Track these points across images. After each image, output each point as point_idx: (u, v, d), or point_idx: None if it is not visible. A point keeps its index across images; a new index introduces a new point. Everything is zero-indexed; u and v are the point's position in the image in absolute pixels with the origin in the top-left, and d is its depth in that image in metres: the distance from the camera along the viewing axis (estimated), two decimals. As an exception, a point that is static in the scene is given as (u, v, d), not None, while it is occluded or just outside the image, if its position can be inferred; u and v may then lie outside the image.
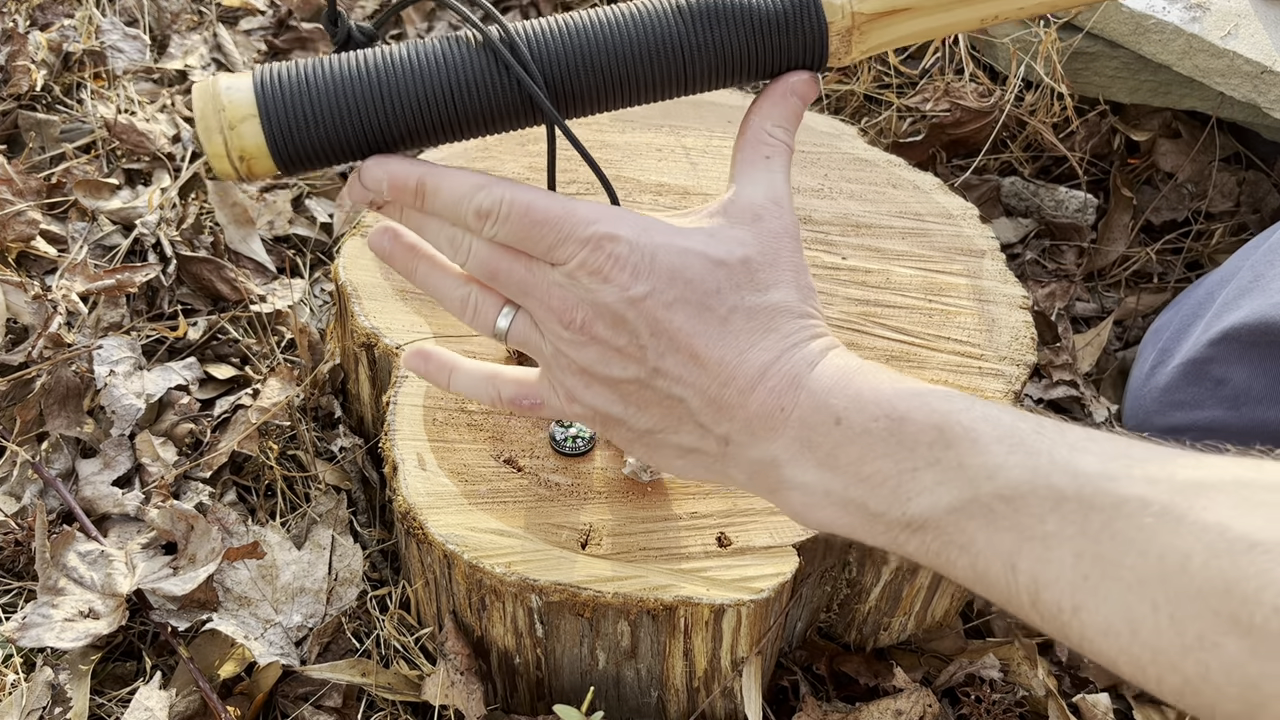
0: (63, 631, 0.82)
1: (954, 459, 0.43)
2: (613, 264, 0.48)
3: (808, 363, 0.49)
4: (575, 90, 0.54)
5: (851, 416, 0.46)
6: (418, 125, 0.54)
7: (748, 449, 0.49)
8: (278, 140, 0.52)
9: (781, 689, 0.87)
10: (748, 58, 0.54)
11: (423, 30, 1.60)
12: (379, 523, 0.97)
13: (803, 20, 0.54)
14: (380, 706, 0.83)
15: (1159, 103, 1.29)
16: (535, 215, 0.49)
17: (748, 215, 0.51)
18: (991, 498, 0.42)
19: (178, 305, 1.13)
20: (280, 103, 0.52)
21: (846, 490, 0.46)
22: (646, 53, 0.54)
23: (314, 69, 0.53)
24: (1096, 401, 1.09)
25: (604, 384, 0.51)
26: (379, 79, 0.53)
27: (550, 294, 0.50)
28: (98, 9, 1.47)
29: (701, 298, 0.49)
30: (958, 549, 0.43)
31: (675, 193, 1.02)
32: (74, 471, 0.97)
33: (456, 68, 0.53)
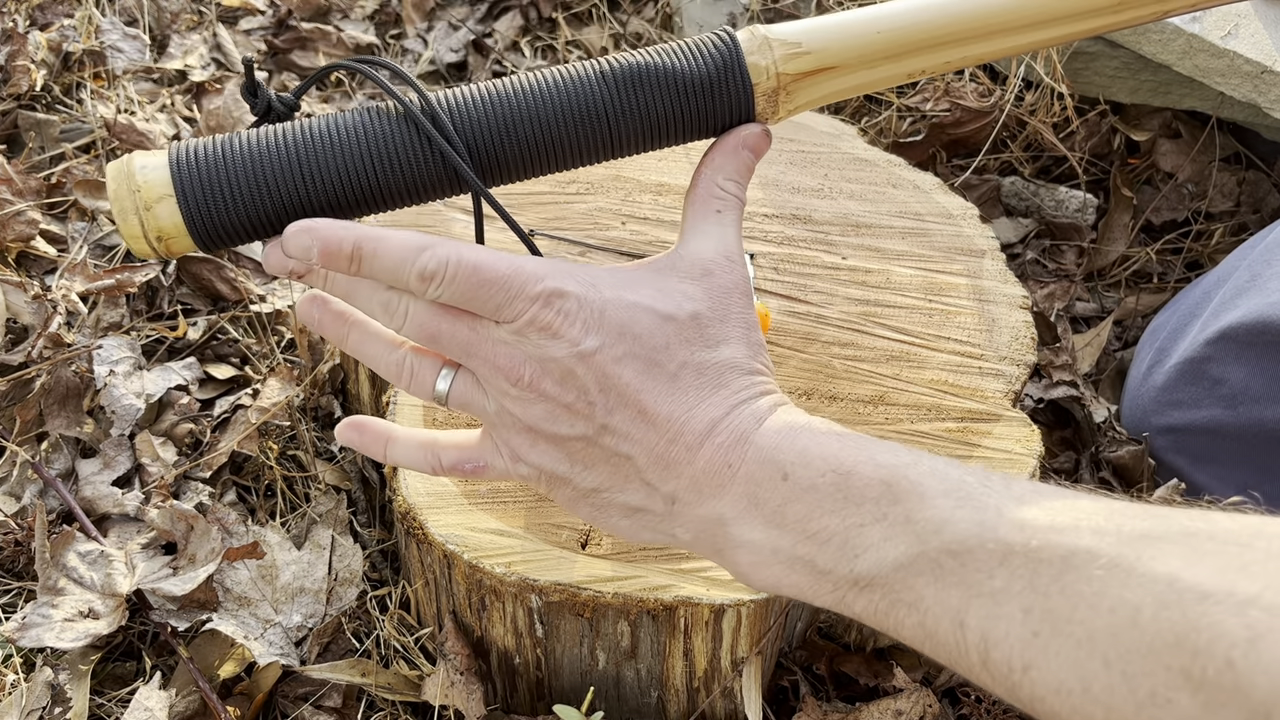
0: (62, 631, 0.82)
1: (901, 513, 0.43)
2: (562, 319, 0.47)
3: (755, 419, 0.48)
4: (500, 158, 0.54)
5: (798, 472, 0.46)
6: (340, 199, 0.53)
7: (694, 507, 0.48)
8: (196, 220, 0.51)
9: (781, 689, 0.87)
10: (674, 121, 0.54)
11: (422, 30, 1.61)
12: (379, 523, 0.97)
13: (728, 83, 0.53)
14: (380, 706, 0.83)
15: (1159, 103, 1.29)
16: (483, 274, 0.48)
17: (697, 270, 0.51)
18: (939, 552, 0.41)
19: (177, 305, 1.13)
20: (197, 182, 0.51)
21: (794, 548, 0.46)
22: (572, 119, 0.53)
23: (231, 146, 0.52)
24: (1095, 401, 1.09)
25: (550, 441, 0.50)
26: (298, 154, 0.52)
27: (496, 351, 0.49)
28: (97, 9, 1.47)
29: (650, 353, 0.48)
30: (906, 607, 0.43)
31: (675, 193, 1.02)
32: (74, 471, 0.97)
33: (378, 139, 0.52)
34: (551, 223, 0.98)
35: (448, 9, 1.64)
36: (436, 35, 1.59)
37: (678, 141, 0.56)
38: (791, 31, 0.53)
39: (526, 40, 1.60)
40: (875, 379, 0.87)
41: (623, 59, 0.54)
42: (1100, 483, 1.03)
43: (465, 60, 1.56)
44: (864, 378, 0.87)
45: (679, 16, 1.51)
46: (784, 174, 1.06)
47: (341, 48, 1.52)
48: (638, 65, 0.54)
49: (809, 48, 0.52)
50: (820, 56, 0.52)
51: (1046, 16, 0.52)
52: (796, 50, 0.52)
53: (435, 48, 1.57)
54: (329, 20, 1.59)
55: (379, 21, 1.61)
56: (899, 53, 0.53)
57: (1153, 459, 1.01)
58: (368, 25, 1.60)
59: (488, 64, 1.55)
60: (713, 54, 0.54)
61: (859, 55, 0.53)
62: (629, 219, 0.99)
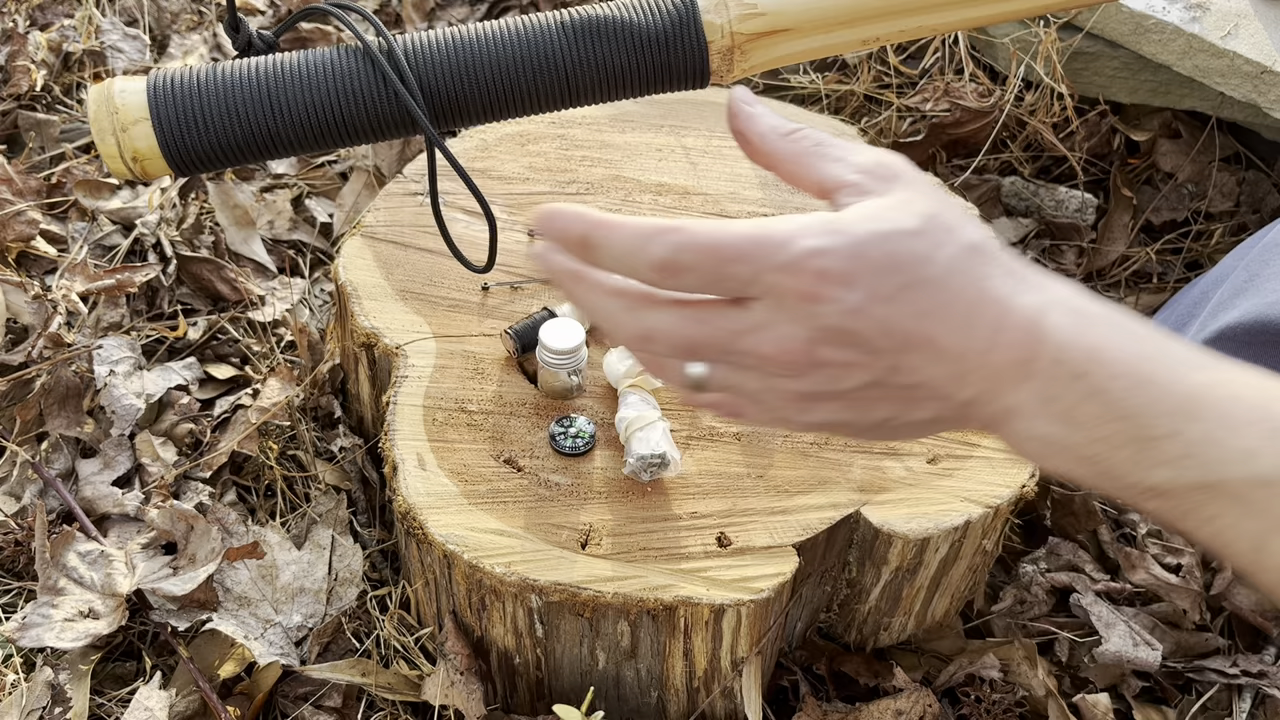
0: (63, 631, 0.82)
1: (1200, 433, 0.42)
2: (821, 282, 0.43)
3: (1037, 306, 0.45)
4: (459, 101, 0.56)
5: (1092, 370, 0.44)
6: (306, 132, 0.56)
7: (987, 406, 0.46)
8: (169, 143, 0.54)
9: (781, 689, 0.87)
10: (629, 73, 0.56)
11: (423, 29, 1.61)
12: (379, 523, 0.97)
13: (683, 39, 0.55)
14: (380, 706, 0.83)
15: (1159, 103, 1.29)
16: (723, 253, 0.44)
17: (888, 175, 0.47)
18: (1243, 484, 0.41)
19: (178, 305, 1.13)
20: (172, 107, 0.54)
21: (1085, 448, 0.44)
22: (530, 66, 0.56)
23: (206, 76, 0.55)
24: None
25: (830, 399, 0.47)
26: (267, 86, 0.55)
27: (759, 341, 0.45)
28: (98, 9, 1.47)
29: (917, 275, 0.44)
30: (1200, 520, 0.43)
31: (675, 192, 1.02)
32: (74, 471, 0.97)
33: (342, 78, 0.56)
34: (551, 223, 0.98)
35: (448, 9, 1.64)
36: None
37: (633, 94, 0.58)
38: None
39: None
40: (875, 379, 0.87)
41: (582, 11, 0.56)
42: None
43: (465, 60, 1.56)
44: (864, 378, 0.87)
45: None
46: (784, 174, 1.05)
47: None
48: (596, 18, 0.56)
49: (765, 9, 0.53)
50: (775, 19, 0.53)
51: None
52: (752, 11, 0.53)
53: (435, 48, 1.57)
54: (329, 20, 1.58)
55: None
56: (854, 19, 0.53)
57: (1153, 459, 1.01)
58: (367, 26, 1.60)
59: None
60: (670, 10, 0.56)
61: (814, 20, 0.53)
62: (629, 219, 0.99)
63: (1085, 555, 0.95)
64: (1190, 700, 0.88)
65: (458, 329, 0.87)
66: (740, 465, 0.79)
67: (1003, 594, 0.93)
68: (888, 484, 0.79)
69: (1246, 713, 0.87)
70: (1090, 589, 0.91)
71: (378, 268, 0.92)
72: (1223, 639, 0.91)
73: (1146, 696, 0.89)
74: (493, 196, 1.00)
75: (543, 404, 0.82)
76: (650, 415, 0.77)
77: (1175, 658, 0.90)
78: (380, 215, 0.97)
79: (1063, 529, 0.99)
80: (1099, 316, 0.46)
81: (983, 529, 0.80)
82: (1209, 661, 0.89)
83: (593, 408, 0.82)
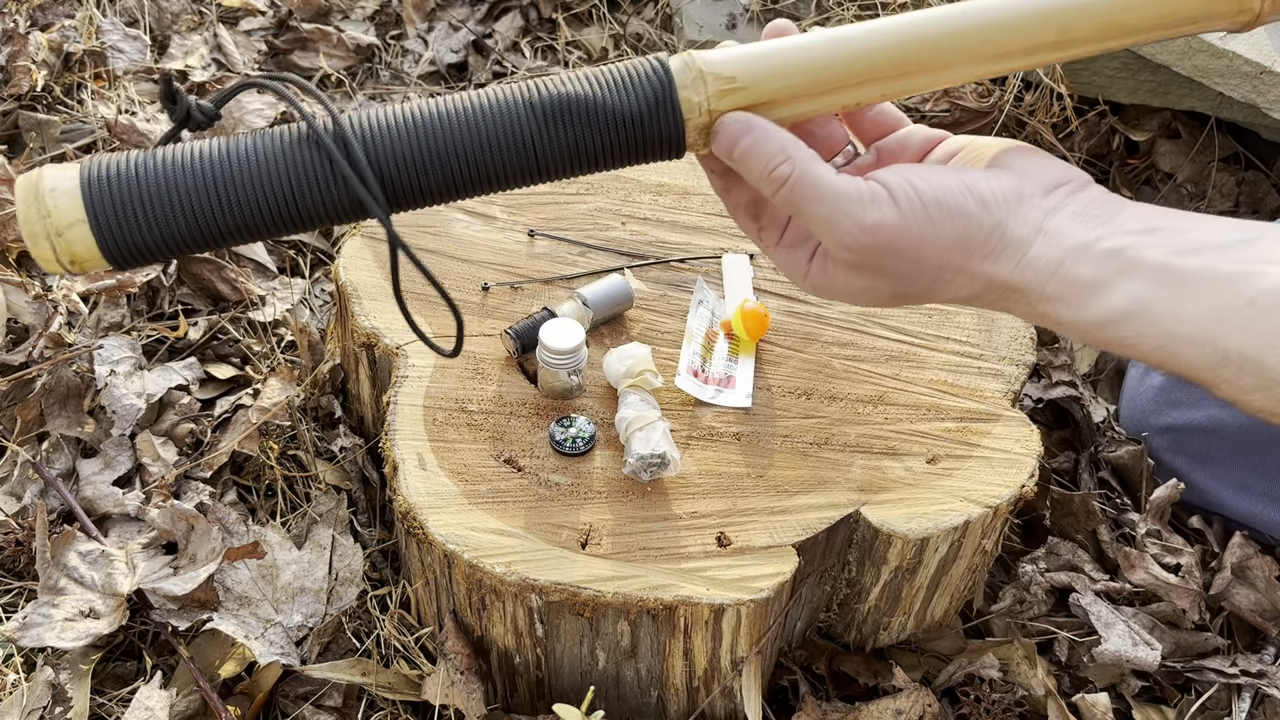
0: (63, 631, 0.82)
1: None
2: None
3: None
4: (419, 186, 0.53)
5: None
6: (255, 221, 0.52)
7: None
8: (109, 243, 0.50)
9: (781, 689, 0.87)
10: (602, 153, 0.54)
11: (423, 30, 1.61)
12: (379, 523, 0.97)
13: (659, 118, 0.53)
14: (380, 706, 0.83)
15: (1159, 103, 1.29)
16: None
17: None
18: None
19: (178, 305, 1.13)
20: (110, 206, 0.50)
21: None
22: (497, 148, 0.53)
23: (145, 165, 0.51)
24: (1094, 401, 1.09)
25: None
26: (213, 176, 0.51)
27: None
28: (98, 9, 1.47)
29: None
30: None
31: (675, 193, 1.02)
32: (74, 471, 0.97)
33: (291, 165, 0.51)
34: (551, 223, 0.98)
35: (448, 10, 1.64)
36: (437, 36, 1.59)
37: (605, 169, 0.55)
38: (727, 64, 0.53)
39: (526, 41, 1.60)
40: (875, 379, 0.87)
41: (552, 89, 0.53)
42: (1099, 483, 1.03)
43: (465, 61, 1.56)
44: (863, 377, 0.87)
45: (679, 17, 1.51)
46: (784, 174, 1.06)
47: (342, 48, 1.52)
48: (567, 97, 0.53)
49: (744, 83, 0.52)
50: (755, 93, 0.53)
51: (981, 54, 0.54)
52: (731, 86, 0.52)
53: (435, 48, 1.57)
54: (329, 21, 1.59)
55: (379, 22, 1.61)
56: (837, 86, 0.53)
57: (1152, 459, 1.01)
58: (368, 26, 1.60)
59: (488, 64, 1.55)
60: (645, 87, 0.53)
61: (795, 89, 0.53)
62: (629, 219, 0.99)
63: (1084, 555, 0.95)
64: (1189, 700, 0.88)
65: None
66: (740, 465, 0.79)
67: (1002, 594, 0.94)
68: (887, 484, 0.79)
69: (1246, 712, 0.87)
70: (1089, 589, 0.92)
71: (378, 268, 0.92)
72: (1222, 639, 0.91)
73: (1146, 696, 0.89)
74: (492, 197, 1.00)
75: (543, 404, 0.82)
76: (650, 415, 0.78)
77: (1174, 657, 0.90)
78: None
79: (1062, 529, 0.99)
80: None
81: (982, 529, 0.80)
82: (1208, 661, 0.89)
83: (593, 408, 0.83)
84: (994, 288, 0.53)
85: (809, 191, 0.51)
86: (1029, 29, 0.53)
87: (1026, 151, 0.55)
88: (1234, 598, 0.92)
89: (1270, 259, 0.47)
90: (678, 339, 0.89)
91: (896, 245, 0.52)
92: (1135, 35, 0.54)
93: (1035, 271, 0.51)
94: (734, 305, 0.89)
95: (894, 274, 0.53)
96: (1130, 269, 0.49)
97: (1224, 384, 0.48)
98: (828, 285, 0.56)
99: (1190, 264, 0.48)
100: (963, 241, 0.52)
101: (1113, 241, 0.50)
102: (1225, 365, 0.47)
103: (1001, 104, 1.29)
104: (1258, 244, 0.48)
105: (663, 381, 0.82)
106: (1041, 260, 0.51)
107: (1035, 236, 0.51)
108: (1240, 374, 0.47)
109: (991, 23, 0.53)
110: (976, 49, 0.54)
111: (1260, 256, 0.47)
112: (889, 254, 0.52)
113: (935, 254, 0.52)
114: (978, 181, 0.52)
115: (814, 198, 0.51)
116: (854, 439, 0.82)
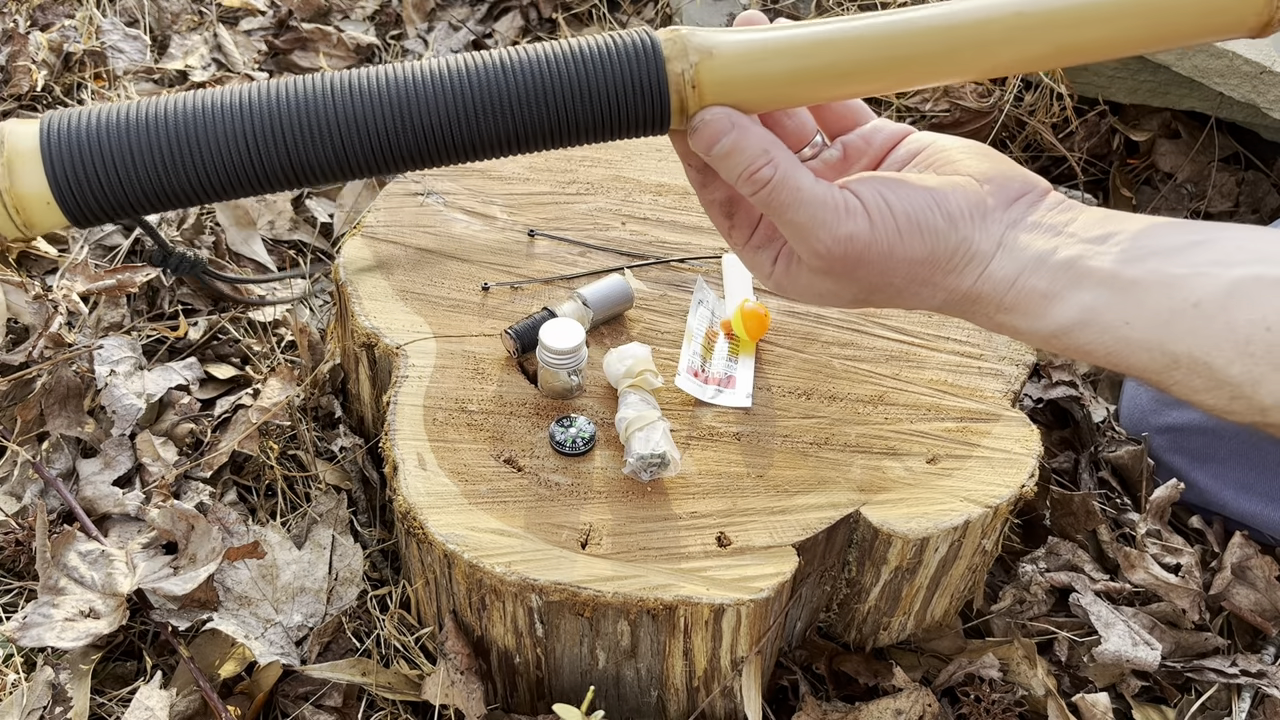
0: (63, 631, 0.82)
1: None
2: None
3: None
4: (397, 148, 0.55)
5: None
6: (220, 177, 0.53)
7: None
8: (66, 197, 0.51)
9: (781, 689, 0.87)
10: (588, 125, 0.56)
11: (423, 31, 1.61)
12: (379, 522, 0.97)
13: (645, 84, 0.54)
14: (380, 706, 0.83)
15: (1158, 103, 1.29)
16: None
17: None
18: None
19: (178, 305, 1.13)
20: (66, 156, 0.51)
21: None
22: (482, 116, 0.55)
23: (101, 117, 0.52)
24: (1094, 401, 1.09)
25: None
26: (177, 127, 0.52)
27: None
28: (98, 9, 1.47)
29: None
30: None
31: (675, 192, 1.02)
32: (74, 471, 0.97)
33: (260, 119, 0.52)
34: (551, 223, 0.98)
35: (448, 9, 1.64)
36: (437, 36, 1.59)
37: (592, 140, 0.58)
38: (711, 38, 0.54)
39: (526, 41, 1.60)
40: (875, 379, 0.87)
41: (537, 54, 0.55)
42: (1099, 483, 1.03)
43: (465, 61, 1.56)
44: (863, 377, 0.87)
45: (679, 17, 1.51)
46: (784, 174, 1.05)
47: (342, 48, 1.52)
48: (553, 61, 0.54)
49: (723, 59, 0.54)
50: (733, 73, 0.54)
51: (970, 65, 0.55)
52: (710, 60, 0.54)
53: (435, 48, 1.57)
54: (329, 21, 1.59)
55: (379, 22, 1.61)
56: (819, 80, 0.55)
57: (1151, 458, 1.01)
58: (368, 26, 1.60)
59: (488, 64, 1.55)
60: (632, 53, 0.54)
61: (773, 79, 0.54)
62: (629, 219, 0.99)
63: (1084, 555, 0.95)
64: (1189, 700, 0.88)
65: (458, 329, 0.87)
66: (740, 465, 0.79)
67: (1002, 594, 0.94)
68: (887, 484, 0.79)
69: (1245, 712, 0.87)
70: (1089, 589, 0.92)
71: (378, 268, 0.92)
72: (1222, 639, 0.91)
73: (1146, 696, 0.89)
74: (493, 196, 1.00)
75: (543, 404, 0.82)
76: (650, 415, 0.78)
77: (1174, 657, 0.90)
78: (380, 215, 0.97)
79: (1062, 529, 0.99)
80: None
81: (982, 529, 0.80)
82: (1208, 661, 0.89)
83: (593, 408, 0.83)
84: (956, 298, 0.55)
85: (788, 196, 0.53)
86: (1022, 41, 0.54)
87: (989, 157, 0.57)
88: (1234, 598, 0.92)
89: (1217, 260, 0.48)
90: (678, 339, 0.89)
91: (866, 257, 0.53)
92: (1131, 49, 0.55)
93: (994, 284, 0.53)
94: (734, 305, 0.89)
95: (861, 282, 0.55)
96: (1081, 279, 0.50)
97: (1175, 386, 0.49)
98: (792, 286, 0.58)
99: (1138, 271, 0.49)
100: (930, 258, 0.53)
101: (1066, 252, 0.51)
102: (1175, 368, 0.49)
103: (1001, 104, 1.29)
104: (1207, 246, 0.49)
105: (663, 381, 0.82)
106: (1000, 274, 0.53)
107: (996, 250, 0.53)
108: (1190, 376, 0.48)
109: (982, 35, 0.54)
110: (968, 60, 0.54)
111: (1208, 259, 0.48)
112: (859, 264, 0.54)
113: (903, 268, 0.54)
114: (946, 197, 0.54)
115: (793, 203, 0.53)
116: (854, 439, 0.82)
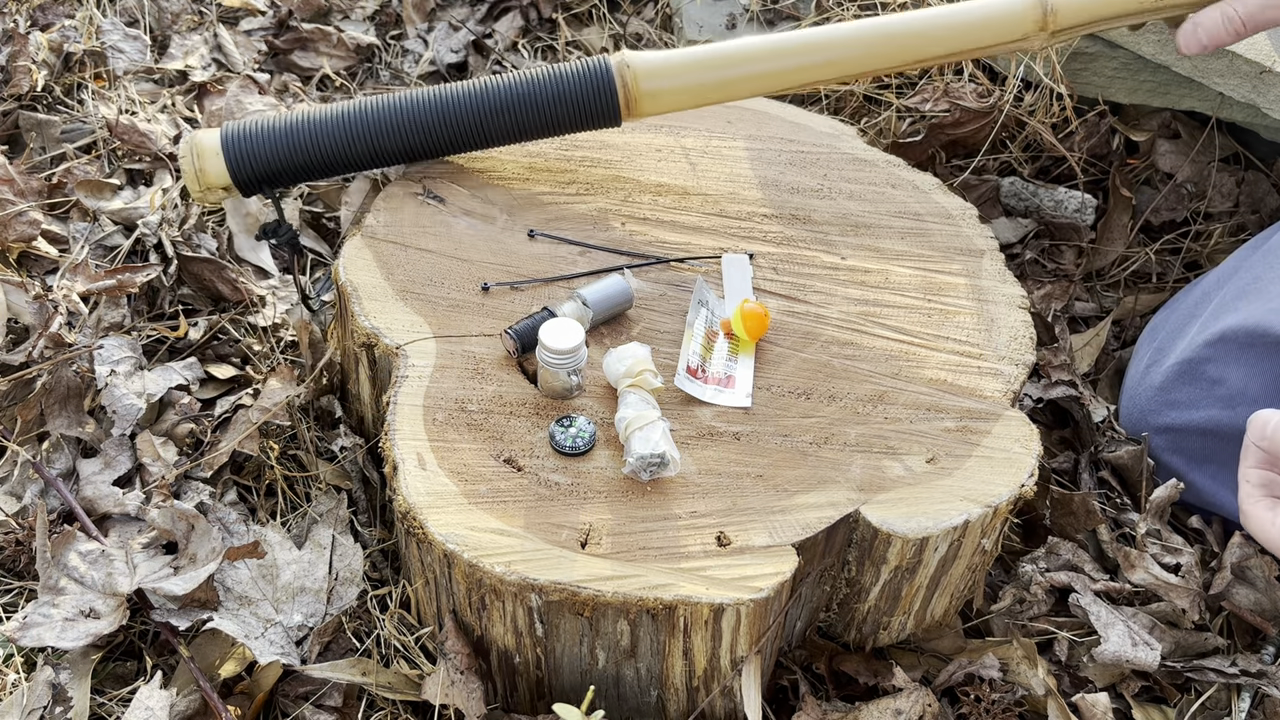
0: (64, 631, 0.82)
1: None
2: None
3: None
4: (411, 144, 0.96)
5: None
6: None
7: None
8: (237, 170, 0.92)
9: (781, 688, 0.87)
10: (550, 119, 0.96)
11: (423, 30, 1.61)
12: (379, 522, 0.97)
13: (600, 92, 0.94)
14: (380, 706, 0.84)
15: (1158, 103, 1.29)
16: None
17: None
18: None
19: (178, 305, 1.13)
20: (238, 143, 0.93)
21: None
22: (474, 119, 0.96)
23: (268, 120, 0.94)
24: (1094, 401, 1.09)
25: None
26: (322, 122, 0.95)
27: None
28: (98, 9, 1.47)
29: None
30: None
31: (675, 193, 1.02)
32: (75, 471, 0.97)
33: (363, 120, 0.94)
34: (552, 223, 0.98)
35: (448, 9, 1.64)
36: (437, 36, 1.59)
37: (555, 134, 0.97)
38: (642, 59, 0.93)
39: (526, 41, 1.60)
40: (875, 378, 0.87)
41: (512, 80, 0.96)
42: (1099, 483, 1.03)
43: (465, 61, 1.56)
44: (863, 377, 0.87)
45: (679, 17, 1.51)
46: (783, 174, 1.06)
47: (342, 48, 1.52)
48: (527, 83, 0.95)
49: (643, 70, 0.90)
50: (656, 82, 0.91)
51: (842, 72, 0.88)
52: (641, 72, 0.94)
53: (435, 48, 1.57)
54: (329, 21, 1.59)
55: (379, 22, 1.61)
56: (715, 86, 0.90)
57: (1151, 459, 1.01)
58: (368, 26, 1.60)
59: (488, 64, 1.55)
60: (589, 69, 0.94)
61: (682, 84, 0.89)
62: (629, 219, 0.99)
63: (1084, 555, 0.95)
64: (1189, 700, 0.88)
65: (458, 329, 0.87)
66: (740, 465, 0.79)
67: (1002, 593, 0.94)
68: (887, 483, 0.79)
69: (1245, 712, 0.87)
70: (1089, 589, 0.92)
71: (378, 268, 0.92)
72: (1222, 638, 0.91)
73: (1146, 696, 0.89)
74: (493, 197, 1.00)
75: (543, 404, 0.82)
76: (650, 415, 0.78)
77: (1174, 657, 0.90)
78: (381, 216, 0.97)
79: (1062, 528, 0.99)
80: None
81: (982, 528, 0.80)
82: (1208, 661, 0.89)
83: (593, 408, 0.83)
84: None
85: None
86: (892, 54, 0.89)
87: None
88: (1234, 597, 0.92)
89: None
90: (678, 339, 0.89)
91: None
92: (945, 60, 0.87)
93: None
94: (734, 305, 0.89)
95: None
96: None
97: None
98: None
99: None
100: None
101: None
102: None
103: (1001, 104, 1.29)
104: None
105: (662, 381, 0.82)
106: None
107: None
108: None
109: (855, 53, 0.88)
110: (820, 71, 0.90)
111: None
112: None
113: None
114: None
115: None
116: (854, 439, 0.82)
